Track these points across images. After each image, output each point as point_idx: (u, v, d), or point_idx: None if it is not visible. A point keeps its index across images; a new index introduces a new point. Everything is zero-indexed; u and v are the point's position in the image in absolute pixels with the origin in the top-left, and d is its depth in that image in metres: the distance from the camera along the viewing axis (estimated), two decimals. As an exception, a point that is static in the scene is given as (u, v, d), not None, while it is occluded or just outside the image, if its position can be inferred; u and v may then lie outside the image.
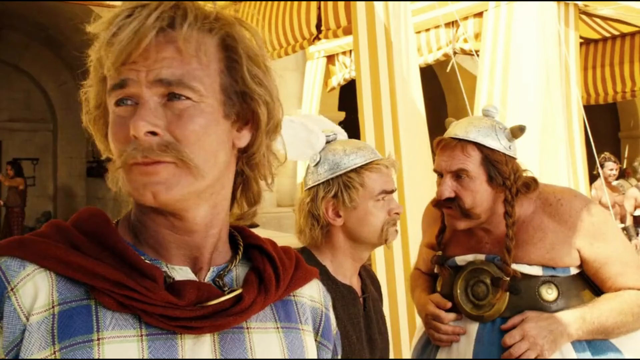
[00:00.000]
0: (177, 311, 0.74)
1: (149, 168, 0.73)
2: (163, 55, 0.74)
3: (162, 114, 0.74)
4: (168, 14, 0.74)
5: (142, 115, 0.73)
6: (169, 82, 0.74)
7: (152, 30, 0.73)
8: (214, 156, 0.77)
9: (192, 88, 0.75)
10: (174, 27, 0.75)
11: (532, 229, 1.71)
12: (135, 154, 0.73)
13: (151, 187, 0.74)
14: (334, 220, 1.60)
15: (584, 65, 5.61)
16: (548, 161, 3.76)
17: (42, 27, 10.38)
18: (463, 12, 4.55)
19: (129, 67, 0.74)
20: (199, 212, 0.79)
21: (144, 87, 0.74)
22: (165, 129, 0.74)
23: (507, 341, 1.63)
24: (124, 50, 0.73)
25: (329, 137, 1.67)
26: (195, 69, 0.75)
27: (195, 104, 0.75)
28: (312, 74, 6.80)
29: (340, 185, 1.58)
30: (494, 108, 1.81)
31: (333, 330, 0.96)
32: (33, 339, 0.71)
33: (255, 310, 0.81)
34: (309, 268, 0.93)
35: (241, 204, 0.88)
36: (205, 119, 0.76)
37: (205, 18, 0.77)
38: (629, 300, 1.65)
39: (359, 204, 1.58)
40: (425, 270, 2.06)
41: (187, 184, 0.75)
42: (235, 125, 0.81)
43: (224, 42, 0.79)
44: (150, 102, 0.74)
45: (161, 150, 0.73)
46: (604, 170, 6.51)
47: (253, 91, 0.80)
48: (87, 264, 0.74)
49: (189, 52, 0.75)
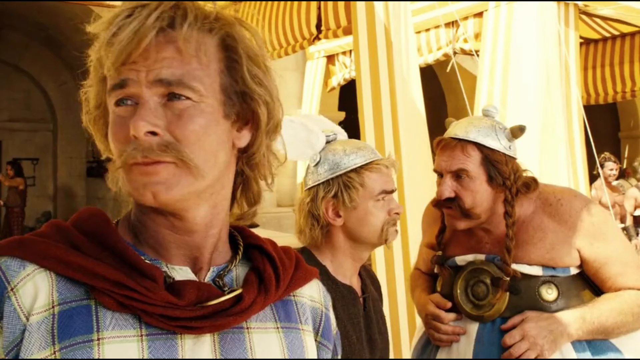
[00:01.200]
0: (177, 311, 0.74)
1: (149, 168, 0.73)
2: (163, 55, 0.74)
3: (162, 114, 0.74)
4: (168, 14, 0.74)
5: (142, 115, 0.73)
6: (169, 82, 0.74)
7: (152, 30, 0.73)
8: (214, 156, 0.77)
9: (192, 88, 0.74)
10: (174, 27, 0.74)
11: (532, 229, 1.71)
12: (135, 154, 0.73)
13: (151, 187, 0.74)
14: (334, 220, 1.59)
15: (584, 65, 5.61)
16: (548, 161, 3.76)
17: (42, 27, 10.38)
18: (463, 12, 4.55)
19: (129, 67, 0.74)
20: (199, 212, 0.79)
21: (144, 87, 0.74)
22: (165, 129, 0.74)
23: (507, 341, 1.63)
24: (124, 50, 0.72)
25: (329, 137, 1.67)
26: (195, 69, 0.75)
27: (195, 104, 0.75)
28: (312, 74, 6.80)
29: (340, 185, 1.58)
30: (494, 108, 1.81)
31: (333, 330, 0.96)
32: (33, 339, 0.71)
33: (255, 310, 0.81)
34: (308, 268, 0.93)
35: (241, 204, 0.88)
36: (205, 119, 0.76)
37: (205, 18, 0.77)
38: (629, 300, 1.65)
39: (359, 204, 1.58)
40: (425, 270, 2.06)
41: (187, 184, 0.75)
42: (235, 125, 0.81)
43: (224, 42, 0.79)
44: (150, 102, 0.74)
45: (161, 150, 0.73)
46: (604, 170, 6.51)
47: (253, 91, 0.80)
48: (87, 264, 0.74)
49: (189, 52, 0.75)
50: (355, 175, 1.58)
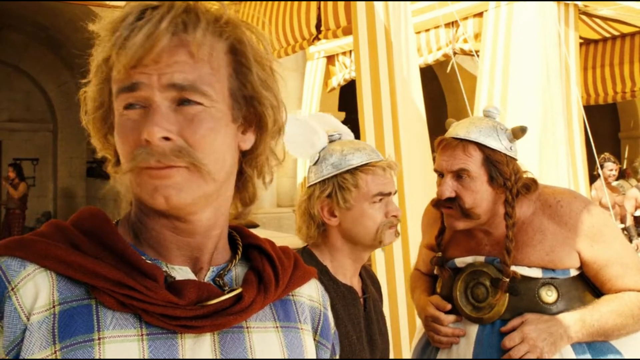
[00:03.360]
0: (177, 310, 0.74)
1: (162, 172, 0.73)
2: (175, 59, 0.74)
3: (175, 119, 0.74)
4: (181, 18, 0.74)
5: (155, 120, 0.72)
6: (181, 86, 0.73)
7: (167, 34, 0.72)
8: (222, 160, 0.78)
9: (204, 93, 0.75)
10: (187, 31, 0.74)
11: (531, 231, 1.71)
12: (148, 159, 0.73)
13: (163, 190, 0.74)
14: (329, 220, 1.60)
15: (584, 66, 5.61)
16: (548, 161, 3.76)
17: (42, 27, 10.39)
18: (463, 13, 4.55)
19: (139, 70, 0.73)
20: (205, 215, 0.80)
21: (156, 91, 0.73)
22: (177, 134, 0.74)
23: (507, 344, 1.62)
24: (136, 53, 0.72)
25: (332, 136, 1.67)
26: (207, 73, 0.75)
27: (207, 109, 0.75)
28: (312, 74, 6.80)
29: (335, 186, 1.58)
30: (495, 109, 1.81)
31: (332, 329, 0.96)
32: (34, 338, 0.71)
33: (254, 309, 0.81)
34: (307, 268, 0.94)
35: (236, 204, 0.88)
36: (215, 124, 0.76)
37: (215, 22, 0.77)
38: (629, 302, 1.65)
39: (353, 205, 1.58)
40: (425, 271, 2.06)
41: (198, 188, 0.75)
42: (241, 128, 0.81)
43: (233, 47, 0.79)
44: (162, 106, 0.74)
45: (175, 156, 0.73)
46: (604, 170, 6.51)
47: (261, 95, 0.80)
48: (87, 263, 0.74)
49: (202, 57, 0.75)
50: (350, 176, 1.58)
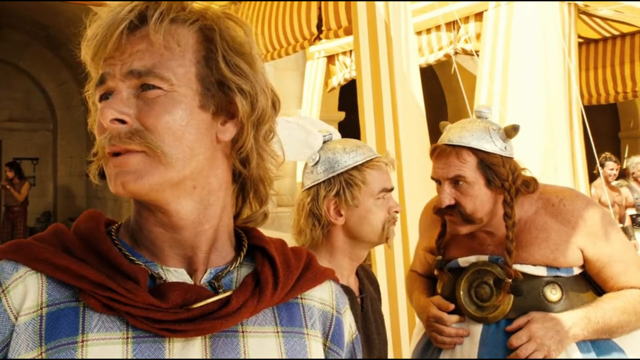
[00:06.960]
0: (159, 313, 0.73)
1: (120, 159, 0.75)
2: (137, 48, 0.76)
3: (134, 104, 0.76)
4: (139, 8, 0.77)
5: (110, 104, 0.75)
6: (139, 72, 0.76)
7: (123, 23, 0.75)
8: (189, 147, 0.77)
9: (162, 77, 0.76)
10: (148, 22, 0.77)
11: (535, 230, 1.71)
12: (104, 143, 0.75)
13: (121, 177, 0.75)
14: (336, 219, 1.59)
15: (584, 66, 5.62)
16: (548, 161, 3.76)
17: (42, 27, 10.38)
18: (463, 12, 4.55)
19: (107, 62, 0.77)
20: (182, 206, 0.78)
21: (118, 80, 0.76)
22: (135, 118, 0.75)
23: (514, 342, 1.62)
24: (98, 45, 0.77)
25: (325, 136, 1.67)
26: (167, 59, 0.77)
27: (167, 93, 0.76)
28: (312, 74, 6.80)
29: (342, 183, 1.58)
30: (487, 109, 1.79)
31: (347, 334, 0.90)
32: (20, 339, 0.72)
33: (244, 313, 0.78)
34: (321, 269, 0.90)
35: (240, 205, 0.88)
36: (177, 108, 0.76)
37: (180, 10, 0.79)
38: (631, 299, 1.66)
39: (360, 202, 1.58)
40: (422, 272, 2.06)
41: (158, 174, 0.75)
42: (219, 119, 0.80)
43: (203, 33, 0.80)
44: (124, 93, 0.76)
45: (128, 138, 0.74)
46: (604, 170, 6.50)
47: (229, 80, 0.79)
48: (73, 266, 0.74)
49: (159, 43, 0.76)
50: (357, 172, 1.58)
